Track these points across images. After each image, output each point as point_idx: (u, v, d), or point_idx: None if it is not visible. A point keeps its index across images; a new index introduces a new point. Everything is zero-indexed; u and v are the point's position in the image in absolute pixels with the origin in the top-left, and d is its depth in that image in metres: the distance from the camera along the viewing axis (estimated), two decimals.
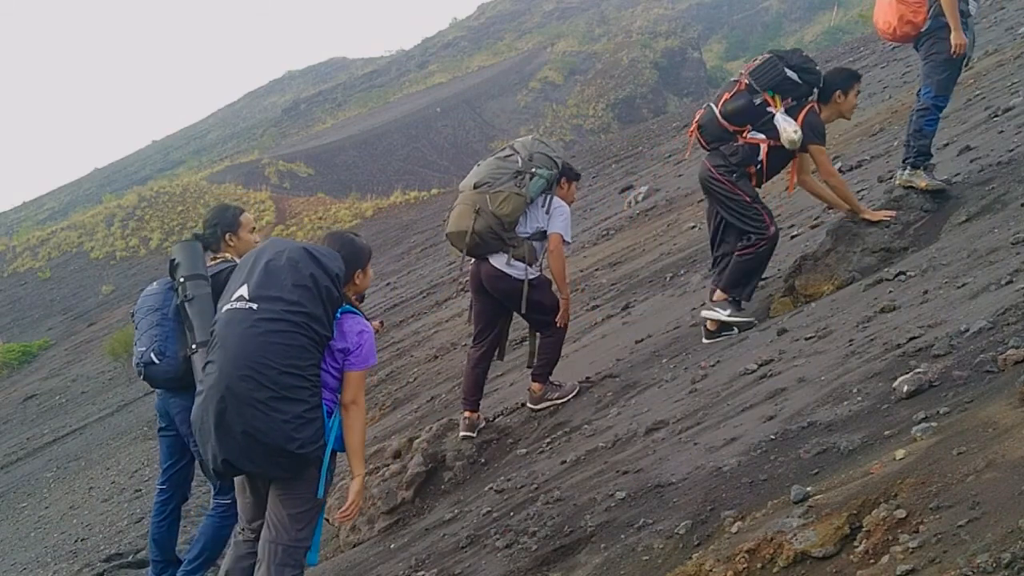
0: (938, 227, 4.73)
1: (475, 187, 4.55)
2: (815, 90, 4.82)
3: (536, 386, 4.96)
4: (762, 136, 4.75)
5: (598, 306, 7.92)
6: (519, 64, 58.62)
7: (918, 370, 2.82)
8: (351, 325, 3.14)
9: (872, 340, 3.46)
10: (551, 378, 5.02)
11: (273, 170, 41.51)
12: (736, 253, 4.86)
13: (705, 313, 4.93)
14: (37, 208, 66.26)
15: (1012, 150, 5.32)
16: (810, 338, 3.94)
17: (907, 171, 5.11)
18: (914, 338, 3.22)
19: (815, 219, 6.60)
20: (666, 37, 57.91)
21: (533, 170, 4.52)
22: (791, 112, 4.73)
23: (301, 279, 2.97)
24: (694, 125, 5.00)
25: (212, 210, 4.31)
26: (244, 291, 3.01)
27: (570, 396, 4.94)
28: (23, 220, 57.80)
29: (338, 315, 3.12)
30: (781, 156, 4.81)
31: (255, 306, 2.96)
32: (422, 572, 3.58)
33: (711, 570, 2.26)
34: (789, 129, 4.62)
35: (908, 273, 4.13)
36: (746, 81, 4.74)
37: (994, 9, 13.55)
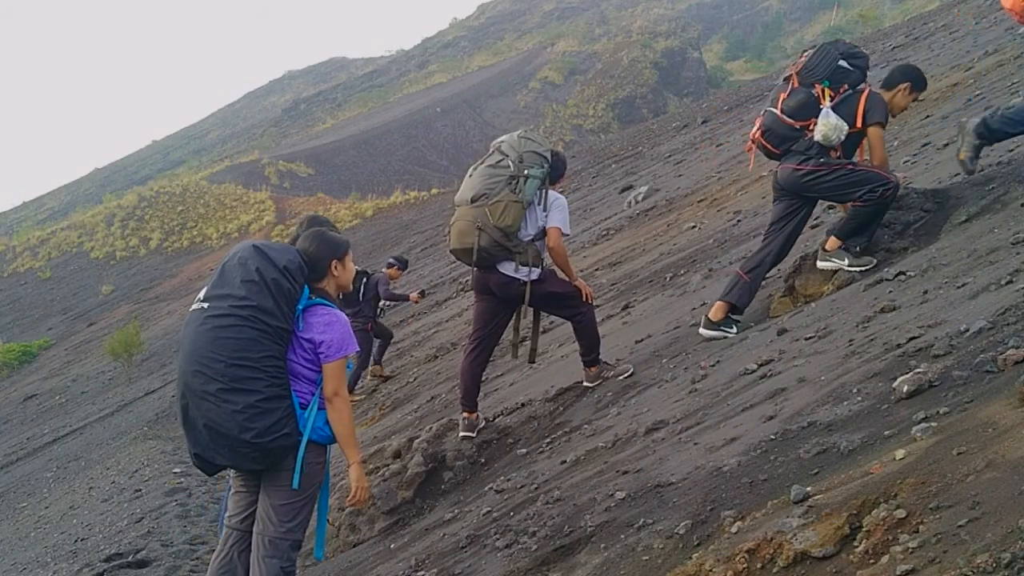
0: (938, 227, 4.73)
1: (472, 201, 4.51)
2: (866, 75, 4.76)
3: (592, 370, 4.98)
4: None
5: (598, 306, 7.92)
6: (519, 64, 58.63)
7: (918, 370, 2.82)
8: (318, 316, 3.19)
9: (872, 340, 3.46)
10: (603, 360, 5.01)
11: (273, 170, 41.53)
12: (854, 204, 4.67)
13: (822, 264, 4.78)
14: (37, 208, 66.31)
15: (1012, 150, 5.31)
16: (810, 338, 3.94)
17: (969, 137, 4.84)
18: (914, 338, 3.22)
19: (815, 219, 6.60)
20: (666, 37, 57.96)
21: (525, 172, 4.49)
22: (849, 100, 4.66)
23: (248, 274, 3.09)
24: (757, 134, 4.88)
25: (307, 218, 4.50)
26: (202, 294, 3.19)
27: (625, 375, 4.88)
28: (23, 220, 57.84)
29: (303, 306, 3.17)
30: (852, 141, 4.74)
31: (206, 305, 3.11)
32: (422, 572, 3.58)
33: (711, 570, 2.25)
34: (823, 123, 4.57)
35: (908, 273, 4.13)
36: (798, 77, 4.68)
37: (994, 9, 13.55)
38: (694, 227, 9.48)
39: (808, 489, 2.40)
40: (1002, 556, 1.65)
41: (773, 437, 2.96)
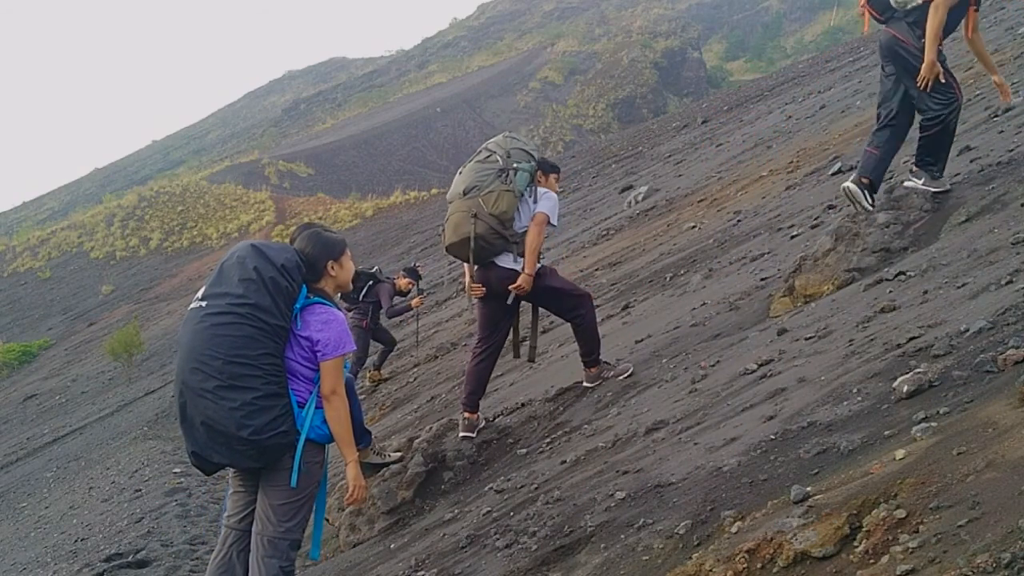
0: (938, 227, 4.73)
1: (464, 193, 4.55)
2: None
3: (592, 370, 4.98)
4: None
5: (598, 306, 7.92)
6: (519, 64, 58.67)
7: (918, 370, 2.82)
8: (316, 314, 3.21)
9: (872, 340, 3.46)
10: (603, 360, 5.01)
11: (273, 170, 41.54)
12: (922, 132, 4.96)
13: (908, 184, 5.08)
14: (37, 208, 66.34)
15: (1012, 150, 5.31)
16: (810, 338, 3.94)
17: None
18: (914, 338, 3.22)
19: (815, 219, 6.60)
20: (666, 37, 57.99)
21: (514, 165, 4.57)
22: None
23: (246, 273, 3.11)
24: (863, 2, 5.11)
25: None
26: (200, 292, 3.21)
27: (625, 375, 4.88)
28: (23, 220, 57.87)
29: (301, 305, 3.19)
30: (954, 16, 4.90)
31: (204, 303, 3.13)
32: (422, 572, 3.58)
33: (711, 570, 2.25)
34: None
35: (908, 273, 4.13)
36: None
37: (994, 9, 13.54)
38: (694, 227, 9.47)
39: (808, 489, 2.40)
40: (1002, 556, 1.65)
41: (773, 437, 2.96)
